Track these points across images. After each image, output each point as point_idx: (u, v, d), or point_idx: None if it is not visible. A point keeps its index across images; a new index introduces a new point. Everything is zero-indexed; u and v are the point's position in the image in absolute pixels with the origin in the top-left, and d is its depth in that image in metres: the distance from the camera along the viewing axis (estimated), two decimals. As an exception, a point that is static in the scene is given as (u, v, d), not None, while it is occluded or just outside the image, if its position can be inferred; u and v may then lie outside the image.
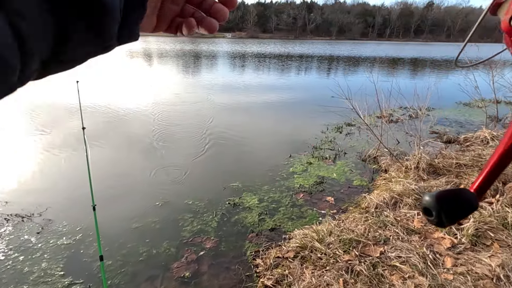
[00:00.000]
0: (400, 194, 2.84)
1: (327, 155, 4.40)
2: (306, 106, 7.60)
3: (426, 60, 24.27)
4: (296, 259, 2.28)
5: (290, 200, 3.23)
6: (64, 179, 3.60)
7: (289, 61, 20.52)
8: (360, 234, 2.44)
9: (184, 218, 2.91)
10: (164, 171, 3.86)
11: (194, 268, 2.31)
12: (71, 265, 2.30)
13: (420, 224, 2.53)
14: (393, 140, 4.86)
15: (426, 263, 2.08)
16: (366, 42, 69.81)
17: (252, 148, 4.73)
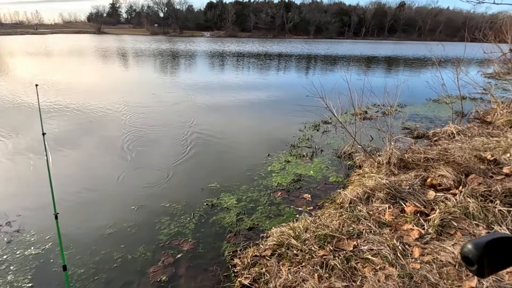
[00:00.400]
0: (373, 189, 2.95)
1: (305, 153, 4.48)
2: (284, 105, 7.68)
3: (399, 58, 25.25)
4: (273, 257, 2.31)
5: (268, 199, 3.27)
6: (31, 187, 3.43)
7: (268, 60, 20.63)
8: (335, 229, 2.51)
9: (161, 221, 2.86)
10: (139, 175, 3.77)
11: (171, 271, 2.28)
12: (39, 276, 2.20)
13: (391, 217, 2.64)
14: (367, 136, 5.02)
15: (396, 254, 2.18)
16: (343, 41, 71.51)
17: (230, 148, 4.73)
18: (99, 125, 5.71)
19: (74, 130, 5.37)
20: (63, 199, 3.12)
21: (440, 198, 2.76)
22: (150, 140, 4.95)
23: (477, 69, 16.44)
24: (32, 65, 15.31)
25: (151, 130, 5.47)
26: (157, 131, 5.39)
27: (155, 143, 4.83)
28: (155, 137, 5.12)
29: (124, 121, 5.92)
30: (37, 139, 4.73)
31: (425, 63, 20.71)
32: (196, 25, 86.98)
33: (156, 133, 5.31)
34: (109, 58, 19.68)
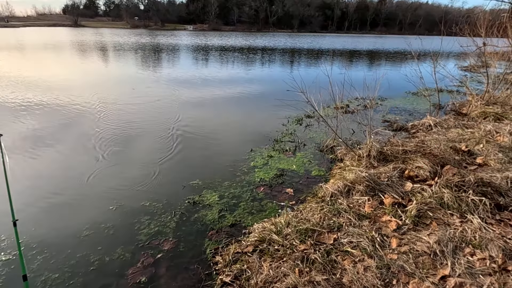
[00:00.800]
0: (353, 182, 2.99)
1: (288, 148, 4.49)
2: (267, 100, 7.66)
3: (381, 52, 25.72)
4: (255, 253, 2.30)
5: (250, 195, 3.25)
6: None
7: (251, 55, 20.49)
8: (316, 223, 2.53)
9: (140, 221, 2.79)
10: (116, 174, 3.66)
11: (151, 272, 2.23)
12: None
13: (371, 209, 2.69)
14: (348, 130, 5.09)
15: (374, 245, 2.22)
16: (326, 34, 71.99)
17: (213, 144, 4.67)
18: (72, 123, 5.49)
19: (44, 128, 5.14)
20: (31, 204, 2.99)
21: (417, 189, 2.84)
22: (128, 138, 4.81)
23: (454, 62, 17.00)
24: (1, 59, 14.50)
25: (129, 127, 5.31)
26: (136, 128, 5.25)
27: (134, 141, 4.70)
28: (134, 134, 4.98)
29: (99, 118, 5.72)
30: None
31: (405, 57, 21.21)
32: (178, 18, 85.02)
33: (135, 130, 5.17)
34: (86, 52, 18.93)
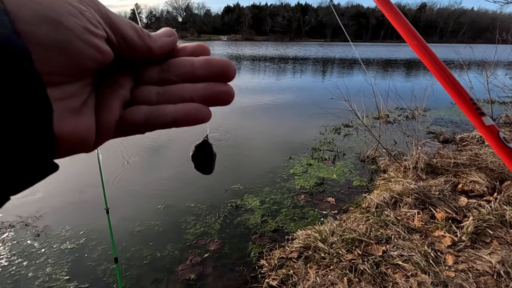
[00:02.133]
0: (400, 194, 2.88)
1: (327, 156, 4.44)
2: (303, 108, 7.66)
3: (419, 61, 24.55)
4: (300, 259, 2.31)
5: (291, 202, 3.26)
6: (68, 184, 3.59)
7: (285, 63, 20.65)
8: (362, 233, 2.48)
9: (187, 220, 2.92)
10: (164, 175, 3.87)
11: (199, 270, 2.32)
12: (75, 269, 2.30)
13: (421, 223, 2.57)
14: (391, 140, 4.92)
15: (428, 261, 2.12)
16: (360, 44, 70.46)
17: (252, 151, 4.76)
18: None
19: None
20: (96, 195, 3.26)
21: (473, 205, 2.66)
22: (168, 144, 5.06)
23: (506, 71, 15.76)
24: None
25: (168, 134, 5.60)
26: (176, 135, 5.52)
27: (174, 147, 4.94)
28: (174, 140, 5.24)
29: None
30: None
31: (449, 67, 20.02)
32: (213, 29, 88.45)
33: (174, 137, 5.44)
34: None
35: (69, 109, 0.20)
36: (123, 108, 0.24)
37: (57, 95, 0.19)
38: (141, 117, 0.24)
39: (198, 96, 0.24)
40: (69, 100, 0.20)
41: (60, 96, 0.19)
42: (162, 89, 0.25)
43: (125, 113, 0.23)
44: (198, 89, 0.24)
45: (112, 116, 0.23)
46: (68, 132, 0.19)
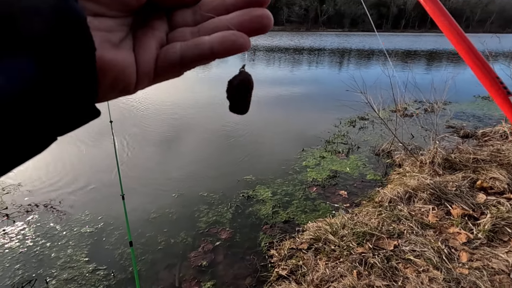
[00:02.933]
0: (415, 189, 2.82)
1: (340, 149, 4.39)
2: (318, 100, 7.55)
3: (443, 52, 23.54)
4: (310, 251, 2.32)
5: (303, 194, 3.27)
6: (86, 171, 3.74)
7: (301, 54, 20.30)
8: (374, 227, 2.46)
9: (199, 209, 2.99)
10: (179, 164, 3.95)
11: (211, 257, 2.38)
12: (94, 252, 2.42)
13: (435, 219, 2.52)
14: (408, 134, 4.79)
15: (441, 257, 2.09)
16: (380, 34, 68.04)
17: (264, 142, 4.77)
18: (128, 119, 6.04)
19: (100, 124, 5.73)
20: (112, 182, 3.38)
21: (492, 202, 2.58)
22: (182, 134, 5.14)
23: (535, 63, 14.84)
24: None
25: (182, 124, 5.67)
26: (189, 126, 5.59)
27: (189, 137, 5.01)
28: (188, 131, 5.31)
29: (152, 116, 6.21)
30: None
31: (472, 57, 19.02)
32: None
33: (188, 127, 5.51)
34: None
35: (108, 41, 0.20)
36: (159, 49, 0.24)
37: (96, 24, 0.19)
38: (177, 52, 0.23)
39: (234, 24, 0.23)
40: (108, 33, 0.20)
41: (99, 26, 0.19)
42: (196, 27, 0.24)
43: (161, 52, 0.24)
44: (232, 17, 0.24)
45: (149, 55, 0.23)
46: (109, 60, 0.20)
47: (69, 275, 2.19)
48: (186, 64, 0.24)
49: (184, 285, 2.14)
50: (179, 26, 0.25)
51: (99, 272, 2.22)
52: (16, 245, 2.47)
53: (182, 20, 0.25)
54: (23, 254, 2.39)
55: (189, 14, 0.25)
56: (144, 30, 0.24)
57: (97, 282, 2.14)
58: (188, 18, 0.25)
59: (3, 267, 2.26)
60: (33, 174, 3.63)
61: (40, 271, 2.23)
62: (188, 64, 0.24)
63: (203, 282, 2.16)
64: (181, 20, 0.25)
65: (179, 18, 0.25)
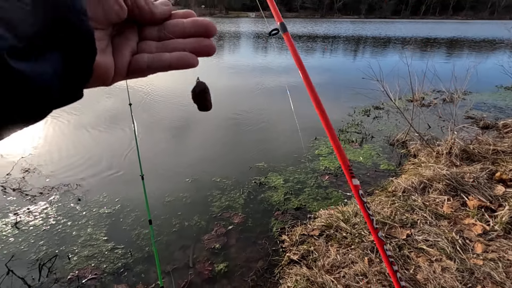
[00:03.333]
0: (430, 179, 2.78)
1: (354, 139, 4.34)
2: (331, 89, 7.42)
3: (464, 40, 22.50)
4: (321, 237, 2.35)
5: (315, 182, 3.27)
6: (102, 155, 3.85)
7: (315, 42, 19.85)
8: (386, 216, 2.45)
9: (212, 194, 3.04)
10: (192, 150, 4.01)
11: (224, 241, 2.45)
12: (112, 231, 2.52)
13: (450, 209, 2.48)
14: (424, 124, 4.67)
15: (455, 247, 2.07)
16: (399, 21, 65.51)
17: (276, 130, 4.76)
18: (146, 107, 6.11)
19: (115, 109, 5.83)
20: (132, 165, 3.47)
21: (511, 194, 2.51)
22: (194, 121, 5.18)
23: None
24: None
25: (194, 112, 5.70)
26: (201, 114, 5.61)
27: (201, 124, 5.05)
28: (199, 118, 5.34)
29: (167, 103, 6.26)
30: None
31: (497, 46, 18.18)
32: (242, 5, 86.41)
33: (199, 115, 5.53)
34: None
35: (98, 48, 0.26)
36: (131, 56, 0.31)
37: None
38: (144, 61, 0.31)
39: (188, 48, 0.31)
40: (98, 42, 0.26)
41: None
42: (160, 43, 0.32)
43: (133, 59, 0.31)
44: (188, 42, 0.32)
45: (124, 59, 0.30)
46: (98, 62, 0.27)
47: (89, 252, 2.30)
48: (150, 70, 0.32)
49: (198, 265, 2.21)
50: (147, 38, 0.32)
51: (117, 251, 2.33)
52: (40, 223, 2.60)
53: (149, 34, 0.32)
54: (46, 231, 2.52)
55: (155, 30, 0.32)
56: (121, 39, 0.31)
57: (115, 260, 2.24)
58: (154, 33, 0.32)
59: (29, 243, 2.39)
60: (54, 157, 3.77)
61: (62, 247, 2.35)
62: (152, 71, 0.32)
63: (216, 264, 2.22)
64: (148, 34, 0.32)
65: (147, 32, 0.32)
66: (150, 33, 0.32)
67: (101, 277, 2.11)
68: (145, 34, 0.32)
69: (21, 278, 2.08)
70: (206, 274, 2.14)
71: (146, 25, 0.32)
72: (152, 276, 2.13)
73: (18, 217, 2.65)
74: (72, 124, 4.82)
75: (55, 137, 4.39)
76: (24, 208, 2.78)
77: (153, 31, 0.32)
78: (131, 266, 2.20)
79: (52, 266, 2.18)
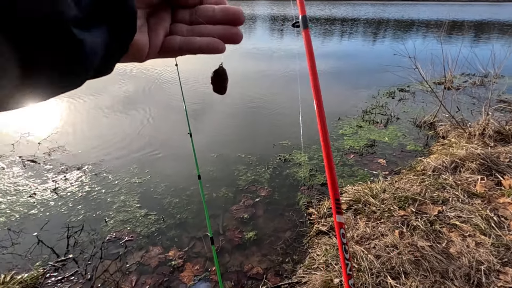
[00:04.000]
0: (463, 159, 2.71)
1: (378, 120, 4.25)
2: (353, 73, 7.23)
3: (494, 23, 21.16)
4: (349, 211, 2.36)
5: (340, 160, 3.25)
6: (126, 134, 3.96)
7: (333, 25, 19.21)
8: (416, 193, 2.42)
9: (238, 169, 3.09)
10: (216, 126, 4.05)
11: (251, 211, 2.50)
12: (144, 199, 2.62)
13: (484, 188, 2.43)
14: (454, 107, 4.50)
15: (489, 224, 2.03)
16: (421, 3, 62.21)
17: (297, 110, 4.71)
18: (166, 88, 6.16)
19: (137, 91, 5.89)
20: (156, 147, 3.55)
21: (550, 174, 2.42)
22: (216, 102, 5.19)
23: None
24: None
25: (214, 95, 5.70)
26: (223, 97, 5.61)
27: (223, 105, 5.06)
28: (222, 100, 5.34)
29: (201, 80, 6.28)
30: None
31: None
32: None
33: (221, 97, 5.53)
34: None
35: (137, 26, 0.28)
36: (165, 36, 0.33)
37: None
38: (177, 43, 0.33)
39: (217, 34, 0.32)
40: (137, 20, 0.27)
41: None
42: (191, 27, 0.33)
43: (166, 39, 0.33)
44: (217, 29, 0.33)
45: (158, 39, 0.32)
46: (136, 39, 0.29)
47: (124, 217, 2.41)
48: (181, 52, 0.33)
49: (228, 233, 2.28)
50: (179, 21, 0.34)
51: (150, 217, 2.42)
52: (76, 190, 2.73)
53: (181, 17, 0.34)
54: (83, 197, 2.64)
55: (187, 14, 0.34)
56: (156, 19, 0.32)
57: (149, 225, 2.34)
58: (186, 17, 0.34)
59: (68, 206, 2.52)
60: (84, 134, 3.90)
61: (99, 212, 2.47)
62: (183, 52, 0.33)
63: (245, 232, 2.28)
64: (180, 17, 0.34)
65: (180, 15, 0.34)
66: (182, 16, 0.34)
67: (137, 239, 2.21)
68: (177, 16, 0.34)
69: (67, 237, 2.21)
70: (236, 241, 2.21)
71: (179, 7, 0.34)
72: (184, 241, 2.21)
73: (56, 184, 2.79)
74: (91, 106, 4.95)
75: (85, 118, 4.53)
76: (61, 176, 2.92)
77: (185, 14, 0.34)
78: (164, 231, 2.29)
79: (91, 228, 2.30)
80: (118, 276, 1.92)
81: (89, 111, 4.56)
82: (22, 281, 1.82)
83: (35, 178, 2.88)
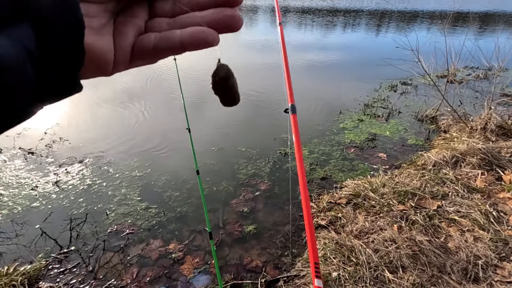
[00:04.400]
0: (463, 153, 2.70)
1: (380, 113, 4.23)
2: (355, 65, 7.16)
3: (501, 15, 20.78)
4: (348, 205, 2.37)
5: (340, 154, 3.25)
6: (125, 129, 3.96)
7: (335, 16, 18.93)
8: (416, 188, 2.42)
9: (238, 162, 3.09)
10: (216, 120, 4.05)
11: (251, 205, 2.51)
12: (145, 193, 2.64)
13: (484, 183, 2.42)
14: (456, 101, 4.46)
15: (488, 219, 2.04)
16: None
17: (300, 105, 4.69)
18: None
19: (136, 84, 5.87)
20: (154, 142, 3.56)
21: (551, 170, 2.41)
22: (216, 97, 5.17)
23: None
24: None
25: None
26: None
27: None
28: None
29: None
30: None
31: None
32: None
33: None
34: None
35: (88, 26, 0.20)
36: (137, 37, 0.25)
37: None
38: (150, 42, 0.24)
39: (206, 21, 0.24)
40: (89, 19, 0.21)
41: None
42: (172, 19, 0.25)
43: (137, 40, 0.25)
44: (206, 14, 0.25)
45: (127, 41, 0.24)
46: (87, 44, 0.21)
47: (125, 210, 2.43)
48: (159, 53, 0.25)
49: (228, 226, 2.30)
50: (158, 15, 0.26)
51: (151, 210, 2.44)
52: (78, 183, 2.75)
53: (161, 10, 0.26)
54: (84, 190, 2.66)
55: (168, 5, 0.26)
56: (125, 17, 0.25)
57: (150, 218, 2.36)
58: (166, 8, 0.26)
59: (69, 199, 2.54)
60: (85, 127, 3.91)
61: (100, 205, 2.49)
62: (161, 53, 0.25)
63: (245, 226, 2.30)
64: (159, 9, 0.26)
65: (158, 7, 0.26)
66: (161, 8, 0.26)
67: (138, 232, 2.23)
68: (156, 9, 0.26)
69: (70, 230, 2.24)
70: (236, 235, 2.23)
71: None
72: (184, 234, 2.24)
73: (58, 177, 2.81)
74: (92, 99, 4.94)
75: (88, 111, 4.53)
76: (62, 169, 2.94)
77: (165, 5, 0.26)
78: (165, 224, 2.31)
79: (93, 220, 2.33)
80: (120, 268, 1.95)
81: (90, 104, 4.55)
82: (25, 273, 1.85)
83: (36, 171, 2.90)
